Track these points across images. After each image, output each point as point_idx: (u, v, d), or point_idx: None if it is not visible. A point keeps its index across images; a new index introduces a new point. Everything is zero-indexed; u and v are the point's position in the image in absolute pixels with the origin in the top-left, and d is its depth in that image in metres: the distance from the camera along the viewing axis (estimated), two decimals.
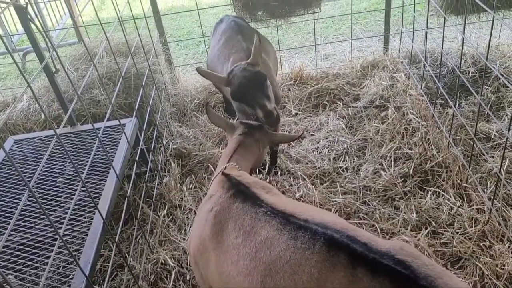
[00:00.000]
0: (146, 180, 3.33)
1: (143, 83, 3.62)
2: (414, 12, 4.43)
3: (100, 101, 3.94)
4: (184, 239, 3.26)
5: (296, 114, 4.44)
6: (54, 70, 3.33)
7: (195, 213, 3.49)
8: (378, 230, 3.11)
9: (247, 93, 2.94)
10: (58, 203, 2.89)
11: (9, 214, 2.83)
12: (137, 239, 3.25)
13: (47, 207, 2.84)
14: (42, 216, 2.77)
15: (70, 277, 2.39)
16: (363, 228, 3.14)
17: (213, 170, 3.83)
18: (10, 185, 3.08)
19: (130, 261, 3.04)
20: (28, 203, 2.90)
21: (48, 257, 2.45)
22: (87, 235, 2.58)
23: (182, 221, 3.42)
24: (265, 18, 4.46)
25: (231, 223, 1.97)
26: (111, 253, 3.11)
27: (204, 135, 4.29)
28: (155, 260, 3.08)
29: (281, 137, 2.71)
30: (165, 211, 3.47)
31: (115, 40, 4.40)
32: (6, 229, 2.69)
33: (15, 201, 2.94)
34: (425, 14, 4.62)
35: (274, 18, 4.50)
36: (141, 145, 3.48)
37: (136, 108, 3.38)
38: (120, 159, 3.17)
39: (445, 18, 3.58)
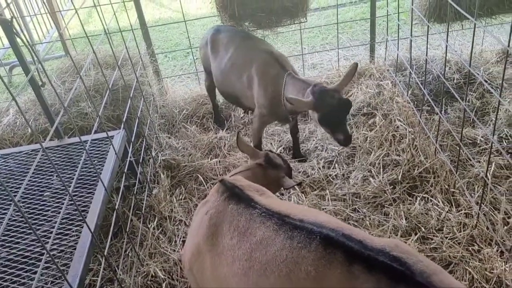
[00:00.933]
0: (135, 192, 3.31)
1: (131, 95, 3.62)
2: (398, 20, 4.50)
3: (88, 113, 3.92)
4: (174, 250, 3.24)
5: None
6: (41, 83, 3.31)
7: (186, 224, 3.47)
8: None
9: (336, 119, 3.17)
10: (45, 217, 2.85)
11: None
12: (127, 252, 3.22)
13: (34, 221, 2.80)
14: (29, 231, 2.74)
15: None
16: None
17: (203, 180, 3.82)
18: None
19: (120, 275, 3.00)
20: (14, 217, 2.86)
21: (35, 272, 2.42)
22: (75, 249, 2.55)
23: (172, 232, 3.40)
24: (252, 28, 4.49)
25: (226, 225, 1.97)
26: (100, 267, 3.07)
27: (193, 146, 4.28)
28: (145, 273, 3.05)
29: (288, 184, 2.69)
30: (155, 223, 3.44)
31: (102, 53, 4.40)
32: None
33: (0, 216, 2.90)
34: (409, 23, 4.69)
35: (261, 29, 4.53)
36: (130, 157, 3.47)
37: (124, 120, 3.37)
38: (108, 172, 3.14)
39: (428, 26, 3.64)
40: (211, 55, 4.04)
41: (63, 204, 2.97)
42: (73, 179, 2.99)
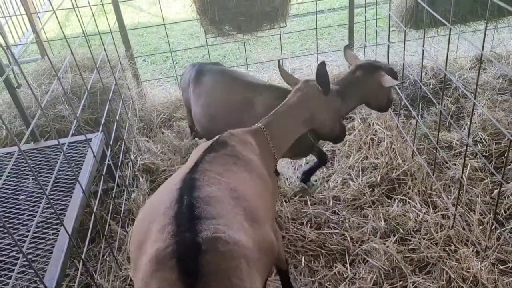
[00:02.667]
0: (113, 196, 3.26)
1: (110, 98, 3.57)
2: (376, 27, 4.58)
3: (65, 116, 3.85)
4: None
5: None
6: (16, 85, 3.24)
7: None
8: (348, 238, 3.14)
9: None
10: (20, 221, 2.78)
11: None
12: (105, 257, 3.16)
13: (9, 225, 2.73)
14: (3, 235, 2.66)
15: None
16: (334, 237, 3.17)
17: None
18: None
19: (98, 280, 2.95)
20: None
21: (10, 277, 2.35)
22: (51, 253, 2.50)
23: None
24: (232, 32, 4.50)
25: None
26: (78, 272, 3.01)
27: (171, 150, 4.24)
28: (123, 277, 3.00)
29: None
30: (134, 227, 3.39)
31: (80, 56, 4.34)
32: None
33: None
34: (387, 29, 4.78)
35: (241, 33, 4.54)
36: (108, 160, 3.42)
37: (102, 122, 3.32)
38: (86, 175, 3.09)
39: (405, 32, 3.72)
40: (193, 99, 3.53)
41: (39, 207, 2.92)
42: (49, 182, 2.95)
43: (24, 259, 1.86)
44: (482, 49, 2.54)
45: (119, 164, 3.62)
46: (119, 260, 3.09)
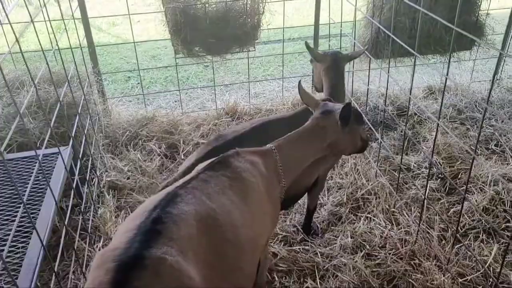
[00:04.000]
0: (82, 210, 3.17)
1: (79, 111, 3.52)
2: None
3: (29, 129, 3.72)
4: None
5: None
6: None
7: None
8: (319, 254, 3.23)
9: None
10: None
11: None
12: (69, 275, 3.04)
13: None
14: None
15: None
16: (306, 255, 3.24)
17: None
18: None
19: None
20: None
21: None
22: (21, 266, 2.39)
23: None
24: (202, 54, 4.59)
25: None
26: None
27: (138, 170, 4.18)
28: None
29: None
30: (101, 243, 3.30)
31: (43, 70, 4.22)
32: None
33: None
34: None
35: (210, 54, 4.64)
36: (72, 177, 3.33)
37: (73, 135, 3.26)
38: (58, 187, 3.00)
39: (370, 60, 3.97)
40: None
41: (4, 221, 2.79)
42: (20, 193, 2.84)
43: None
44: (447, 80, 2.78)
45: (87, 178, 3.53)
46: (86, 275, 2.98)
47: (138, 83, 6.60)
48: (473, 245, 3.29)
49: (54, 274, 2.35)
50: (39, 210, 2.82)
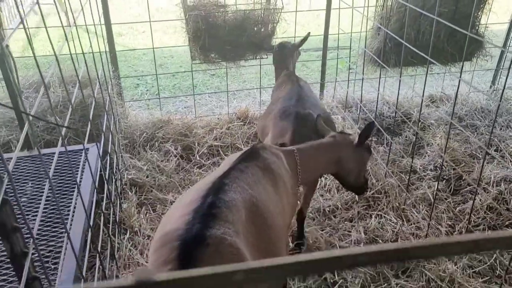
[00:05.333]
0: (114, 203, 3.33)
1: (106, 110, 3.69)
2: (349, 62, 5.10)
3: (55, 128, 3.88)
4: (147, 262, 3.26)
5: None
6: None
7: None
8: (337, 246, 3.41)
9: None
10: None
11: None
12: (103, 265, 3.17)
13: None
14: None
15: None
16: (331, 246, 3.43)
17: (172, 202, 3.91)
18: None
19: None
20: None
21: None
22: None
23: (143, 246, 3.43)
24: (217, 60, 4.80)
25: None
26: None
27: (156, 170, 4.34)
28: None
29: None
30: (127, 235, 3.46)
31: (68, 72, 4.41)
32: None
33: None
34: (355, 67, 5.31)
35: (225, 61, 4.85)
36: (101, 171, 3.49)
37: (103, 133, 3.43)
38: (89, 183, 3.15)
39: (381, 69, 4.21)
40: None
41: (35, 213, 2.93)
42: (47, 188, 3.00)
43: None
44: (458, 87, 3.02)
45: (114, 174, 3.69)
46: (117, 266, 3.13)
47: (147, 90, 6.80)
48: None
49: (98, 255, 2.51)
50: (70, 204, 2.98)
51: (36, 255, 1.73)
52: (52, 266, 2.47)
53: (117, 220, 3.51)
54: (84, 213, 2.85)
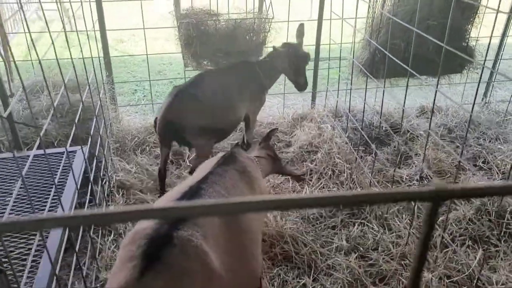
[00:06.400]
0: (99, 204, 3.39)
1: (96, 114, 3.77)
2: (339, 72, 5.17)
3: (47, 130, 3.97)
4: None
5: None
6: (10, 93, 3.38)
7: None
8: (319, 253, 3.45)
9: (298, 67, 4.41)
10: None
11: None
12: (81, 265, 3.23)
13: None
14: None
15: None
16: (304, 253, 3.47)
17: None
18: None
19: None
20: None
21: None
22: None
23: None
24: (209, 67, 4.88)
25: None
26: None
27: (144, 173, 4.41)
28: (102, 282, 3.09)
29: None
30: (111, 237, 3.51)
31: (60, 76, 4.49)
32: None
33: None
34: (344, 77, 5.38)
35: None
36: (89, 174, 3.56)
37: (91, 135, 3.50)
38: (73, 186, 3.22)
39: (367, 79, 4.28)
40: None
41: (22, 212, 3.01)
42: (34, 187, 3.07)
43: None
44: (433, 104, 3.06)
45: (101, 176, 3.76)
46: (98, 266, 3.18)
47: (144, 96, 6.89)
48: (459, 250, 3.53)
49: (75, 255, 2.57)
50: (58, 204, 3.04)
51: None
52: (30, 264, 2.53)
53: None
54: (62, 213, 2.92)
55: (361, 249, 3.54)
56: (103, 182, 4.03)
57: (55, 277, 2.26)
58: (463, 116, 5.48)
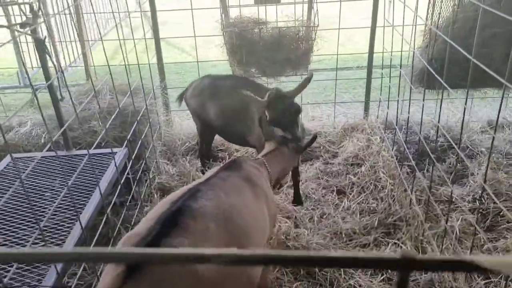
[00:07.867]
0: (127, 206, 3.59)
1: (138, 118, 3.99)
2: (389, 82, 4.91)
3: (97, 131, 4.28)
4: None
5: None
6: (60, 97, 3.70)
7: None
8: (342, 272, 3.32)
9: (285, 120, 3.35)
10: (43, 214, 3.14)
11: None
12: None
13: (33, 215, 3.08)
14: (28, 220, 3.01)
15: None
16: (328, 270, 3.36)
17: None
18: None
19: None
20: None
21: None
22: (64, 242, 2.82)
23: None
24: (257, 75, 4.91)
25: None
26: (86, 272, 3.30)
27: (187, 176, 4.56)
28: None
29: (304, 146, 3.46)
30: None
31: (119, 81, 4.83)
32: None
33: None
34: (401, 88, 5.07)
35: (265, 76, 4.95)
36: (128, 174, 3.78)
37: (128, 138, 3.72)
38: (105, 182, 3.45)
39: (425, 92, 4.00)
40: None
41: (61, 205, 3.28)
42: (73, 184, 3.33)
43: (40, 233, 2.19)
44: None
45: (137, 178, 3.97)
46: None
47: None
48: (502, 284, 3.17)
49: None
50: (89, 199, 3.28)
51: None
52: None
53: (134, 222, 3.77)
54: (92, 207, 3.14)
55: (389, 271, 3.33)
56: (145, 183, 4.26)
57: None
58: None
